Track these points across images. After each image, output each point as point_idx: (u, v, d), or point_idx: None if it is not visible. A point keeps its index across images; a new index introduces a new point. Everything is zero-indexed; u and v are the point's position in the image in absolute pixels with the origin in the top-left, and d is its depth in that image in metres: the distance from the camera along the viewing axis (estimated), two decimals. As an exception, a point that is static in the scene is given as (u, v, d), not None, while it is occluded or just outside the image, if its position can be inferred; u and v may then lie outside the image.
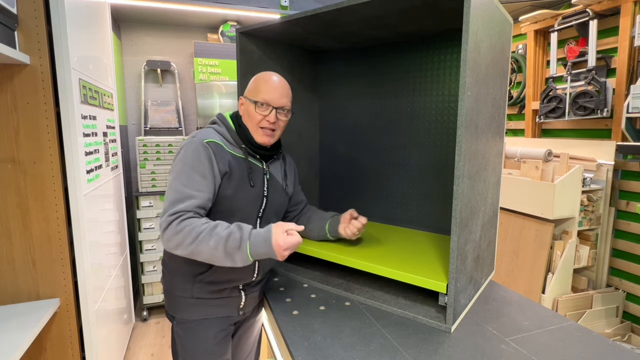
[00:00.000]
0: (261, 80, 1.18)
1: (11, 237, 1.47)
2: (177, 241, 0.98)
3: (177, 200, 1.01)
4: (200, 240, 0.97)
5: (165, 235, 1.00)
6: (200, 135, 1.11)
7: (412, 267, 1.15)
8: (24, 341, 1.23)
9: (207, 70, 3.07)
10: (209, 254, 0.99)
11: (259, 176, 1.19)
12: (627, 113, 2.35)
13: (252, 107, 1.15)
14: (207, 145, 1.08)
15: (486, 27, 0.99)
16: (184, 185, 1.03)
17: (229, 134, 1.16)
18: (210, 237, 0.98)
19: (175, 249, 1.00)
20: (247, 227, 1.03)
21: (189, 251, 0.99)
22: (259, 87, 1.17)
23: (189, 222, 0.99)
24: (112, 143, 2.23)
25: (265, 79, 1.18)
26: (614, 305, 2.56)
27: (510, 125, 3.57)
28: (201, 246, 0.98)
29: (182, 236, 0.97)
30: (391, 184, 1.70)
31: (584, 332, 1.03)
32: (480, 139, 1.04)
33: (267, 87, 1.16)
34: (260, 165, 1.20)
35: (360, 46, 1.70)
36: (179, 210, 1.00)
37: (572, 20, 2.75)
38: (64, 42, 1.44)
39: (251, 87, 1.19)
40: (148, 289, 2.89)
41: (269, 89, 1.16)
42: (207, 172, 1.06)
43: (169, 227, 0.99)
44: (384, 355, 0.91)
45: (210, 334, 1.18)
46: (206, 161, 1.06)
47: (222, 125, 1.18)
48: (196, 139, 1.09)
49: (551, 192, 2.41)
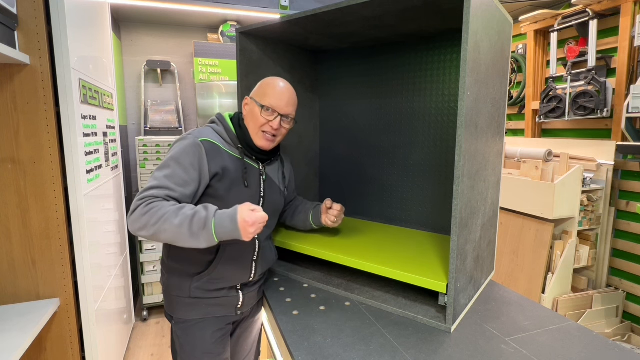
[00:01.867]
0: (270, 85, 1.19)
1: (11, 237, 1.47)
2: (142, 222, 0.97)
3: (152, 187, 1.02)
4: (165, 219, 0.96)
5: (131, 218, 0.99)
6: (196, 133, 1.12)
7: (412, 267, 1.15)
8: (24, 341, 1.23)
9: (207, 70, 3.07)
10: (172, 232, 0.96)
11: (254, 177, 1.19)
12: (627, 113, 2.35)
13: (257, 109, 1.15)
14: (200, 144, 1.08)
15: (486, 27, 0.99)
16: (165, 177, 1.04)
17: (227, 134, 1.16)
18: (175, 216, 0.96)
19: (140, 230, 0.98)
20: (213, 207, 1.01)
21: (153, 231, 0.97)
22: (267, 91, 1.17)
23: (156, 204, 0.98)
24: (112, 143, 2.23)
25: (274, 85, 1.19)
26: (614, 305, 2.56)
27: (510, 125, 3.57)
28: (165, 225, 0.96)
29: (148, 217, 0.97)
30: (391, 184, 1.70)
31: (584, 332, 1.03)
32: (480, 139, 1.04)
33: (275, 93, 1.16)
34: (256, 166, 1.20)
35: (360, 46, 1.70)
36: (149, 195, 1.00)
37: (572, 20, 2.75)
38: (64, 42, 1.44)
39: (259, 90, 1.19)
40: (148, 289, 2.89)
41: (277, 95, 1.16)
42: (191, 169, 1.05)
43: (137, 209, 0.99)
44: (384, 355, 0.91)
45: (208, 333, 1.18)
46: (195, 158, 1.06)
47: (221, 124, 1.18)
48: (191, 136, 1.10)
49: (551, 192, 2.41)
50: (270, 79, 1.21)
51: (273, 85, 1.18)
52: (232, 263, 1.16)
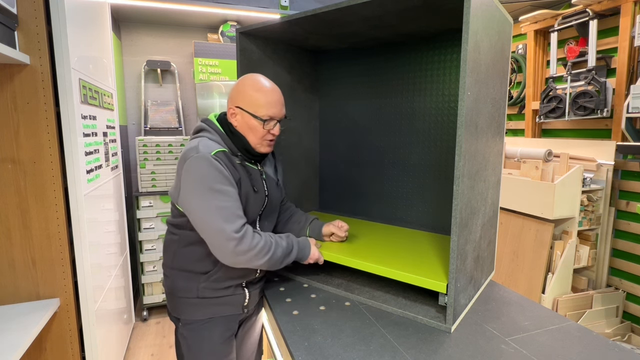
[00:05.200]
0: (259, 91, 1.13)
1: (11, 237, 1.47)
2: (253, 254, 1.06)
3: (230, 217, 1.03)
4: (273, 251, 1.11)
5: (240, 248, 1.03)
6: (202, 149, 1.05)
7: (412, 267, 1.15)
8: (24, 341, 1.23)
9: (207, 70, 3.07)
10: (272, 263, 1.12)
11: (258, 180, 1.19)
12: (627, 113, 2.35)
13: (254, 122, 1.12)
14: (217, 157, 1.05)
15: (486, 27, 0.99)
16: (226, 201, 1.04)
17: (225, 142, 1.13)
18: (277, 248, 1.13)
19: (250, 261, 1.07)
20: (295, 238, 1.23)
21: (262, 261, 1.09)
22: (258, 100, 1.11)
23: (259, 237, 1.09)
24: (112, 143, 2.23)
25: (264, 91, 1.13)
26: (614, 305, 2.56)
27: (510, 125, 3.57)
28: (273, 258, 1.11)
29: (259, 249, 1.07)
30: (391, 184, 1.70)
31: (584, 332, 1.03)
32: (480, 138, 1.04)
33: (268, 100, 1.12)
34: (256, 168, 1.21)
35: (360, 46, 1.70)
36: (242, 224, 1.05)
37: (572, 20, 2.75)
38: (64, 42, 1.44)
39: (247, 99, 1.12)
40: (148, 289, 2.89)
41: (271, 101, 1.12)
42: (230, 186, 1.06)
43: (243, 241, 1.04)
44: (384, 355, 0.91)
45: (216, 333, 1.18)
46: (227, 172, 1.06)
47: (215, 133, 1.13)
48: (201, 154, 1.03)
49: (551, 192, 2.41)
50: (252, 83, 1.14)
51: (264, 92, 1.12)
52: None
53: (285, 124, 1.21)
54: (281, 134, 1.20)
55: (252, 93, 1.13)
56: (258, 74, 1.19)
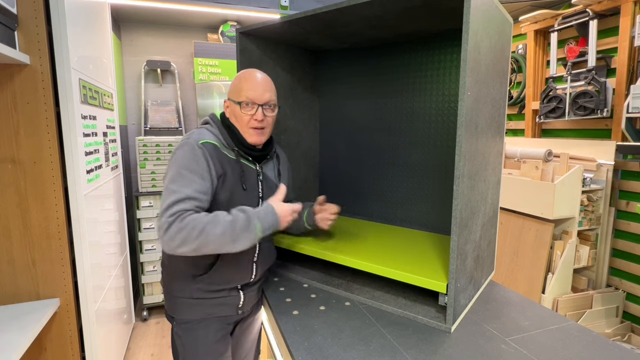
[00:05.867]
0: (242, 79, 1.17)
1: (11, 237, 1.47)
2: (181, 238, 0.95)
3: (177, 201, 0.99)
4: (207, 231, 0.96)
5: (167, 236, 0.96)
6: (194, 136, 1.09)
7: (412, 267, 1.15)
8: (24, 341, 1.23)
9: (207, 70, 3.07)
10: (215, 242, 0.97)
11: (252, 178, 1.18)
12: (627, 113, 2.35)
13: (237, 108, 1.14)
14: (203, 147, 1.07)
15: (486, 27, 0.99)
16: (183, 186, 1.01)
17: (222, 135, 1.14)
18: (215, 225, 0.97)
19: (179, 247, 0.96)
20: (247, 207, 1.04)
21: (195, 245, 0.96)
22: (241, 86, 1.15)
23: (191, 218, 0.97)
24: (112, 143, 2.23)
25: (245, 77, 1.17)
26: (614, 305, 2.56)
27: (510, 125, 3.57)
28: (209, 237, 0.96)
29: (187, 232, 0.95)
30: (391, 184, 1.70)
31: (584, 332, 1.03)
32: (480, 139, 1.04)
33: (249, 85, 1.14)
34: (253, 167, 1.19)
35: (361, 46, 1.70)
36: (180, 209, 0.98)
37: (572, 20, 2.75)
38: (64, 42, 1.44)
39: (233, 88, 1.17)
40: (148, 289, 2.89)
41: (251, 86, 1.14)
42: (205, 173, 1.05)
43: (171, 226, 0.95)
44: (384, 355, 0.91)
45: (210, 332, 1.18)
46: (203, 163, 1.05)
47: (215, 126, 1.16)
48: (191, 140, 1.07)
49: (551, 192, 2.41)
50: (240, 73, 1.19)
51: (244, 79, 1.16)
52: (232, 265, 1.15)
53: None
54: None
55: (237, 82, 1.17)
56: (251, 69, 1.20)
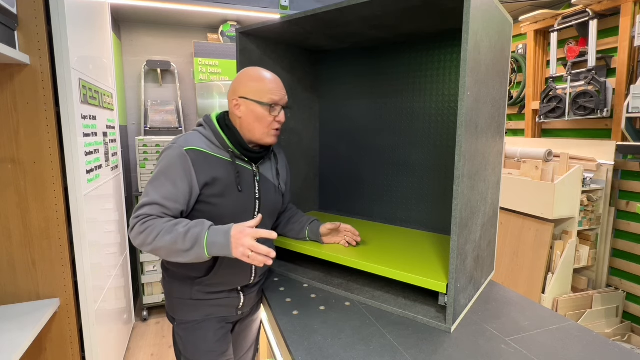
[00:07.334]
0: (261, 79, 1.14)
1: (11, 237, 1.47)
2: (140, 240, 1.01)
3: (145, 204, 1.03)
4: (160, 237, 0.99)
5: (131, 235, 1.04)
6: (181, 141, 1.07)
7: (412, 267, 1.15)
8: (24, 341, 1.23)
9: (207, 70, 3.07)
10: (167, 249, 1.00)
11: (248, 179, 1.15)
12: (627, 113, 2.35)
13: (260, 109, 1.11)
14: (186, 154, 1.05)
15: (486, 27, 0.99)
16: (154, 191, 1.04)
17: (216, 137, 1.12)
18: (168, 233, 0.99)
19: (140, 247, 1.03)
20: (208, 222, 1.03)
21: (150, 249, 1.01)
22: (262, 87, 1.12)
23: (151, 222, 1.01)
24: (112, 143, 2.23)
25: (264, 78, 1.14)
26: (614, 305, 2.56)
27: (510, 125, 3.57)
28: (160, 243, 0.99)
29: (144, 236, 1.00)
30: (391, 184, 1.70)
31: (584, 332, 1.03)
32: (480, 139, 1.04)
33: (272, 87, 1.13)
34: (249, 167, 1.16)
35: (360, 46, 1.70)
36: (143, 214, 1.02)
37: (572, 20, 2.75)
38: (64, 42, 1.44)
39: (250, 87, 1.12)
40: (148, 289, 2.89)
41: (274, 88, 1.13)
42: (180, 182, 1.04)
43: (134, 227, 1.02)
44: (384, 355, 0.91)
45: (210, 332, 1.18)
46: (182, 171, 1.04)
47: (209, 128, 1.14)
48: (176, 145, 1.06)
49: (551, 192, 2.41)
50: (252, 74, 1.15)
51: (264, 79, 1.13)
52: (231, 267, 1.15)
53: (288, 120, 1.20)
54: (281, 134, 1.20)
55: (255, 81, 1.14)
56: (257, 67, 1.20)
